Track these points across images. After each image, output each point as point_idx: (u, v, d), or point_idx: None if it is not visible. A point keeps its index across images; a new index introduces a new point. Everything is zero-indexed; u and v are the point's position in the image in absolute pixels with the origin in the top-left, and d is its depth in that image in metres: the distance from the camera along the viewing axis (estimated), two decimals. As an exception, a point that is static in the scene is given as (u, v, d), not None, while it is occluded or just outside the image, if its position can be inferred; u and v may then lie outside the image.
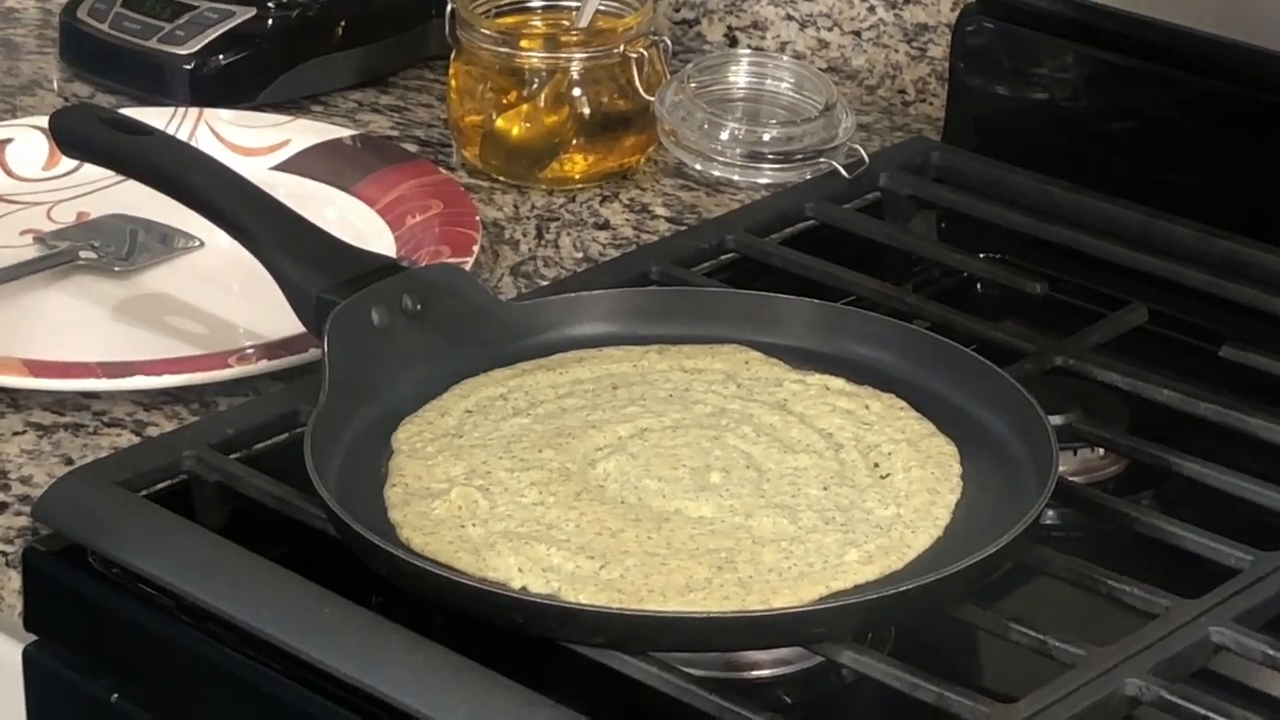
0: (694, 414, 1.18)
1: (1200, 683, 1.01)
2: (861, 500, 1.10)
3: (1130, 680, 0.98)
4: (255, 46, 1.30)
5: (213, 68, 1.46)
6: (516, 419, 1.19)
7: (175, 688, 1.15)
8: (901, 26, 1.68)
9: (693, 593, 1.02)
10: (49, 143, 1.50)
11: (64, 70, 1.83)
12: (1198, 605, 1.05)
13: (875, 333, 1.27)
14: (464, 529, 1.08)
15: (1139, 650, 1.01)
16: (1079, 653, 1.01)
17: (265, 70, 1.66)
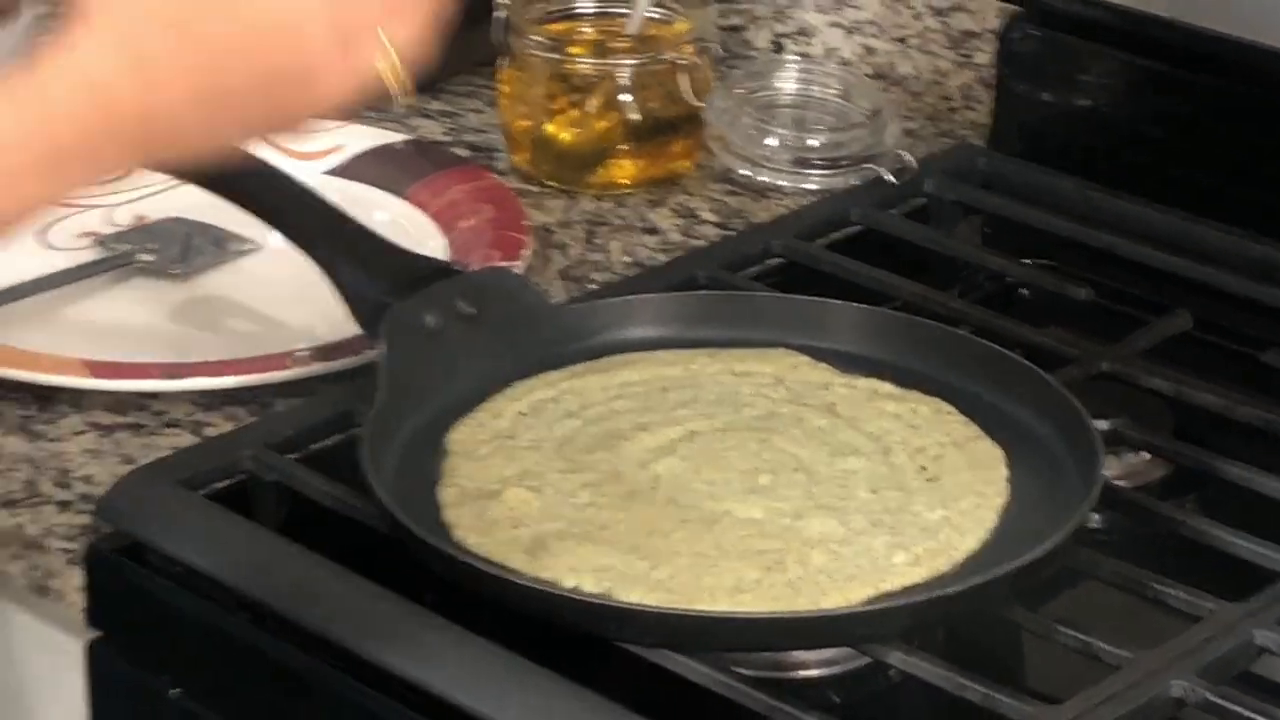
0: (743, 417, 1.19)
1: (1244, 685, 1.01)
2: (909, 503, 1.10)
3: (1175, 682, 0.99)
4: None
5: None
6: (568, 421, 1.20)
7: (233, 683, 1.16)
8: (947, 33, 1.67)
9: (742, 593, 1.03)
10: None
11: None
12: (1242, 608, 1.05)
13: (922, 337, 1.27)
14: (517, 529, 1.09)
15: (1183, 653, 1.02)
16: (1124, 655, 1.01)
17: None
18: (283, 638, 1.10)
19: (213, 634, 1.14)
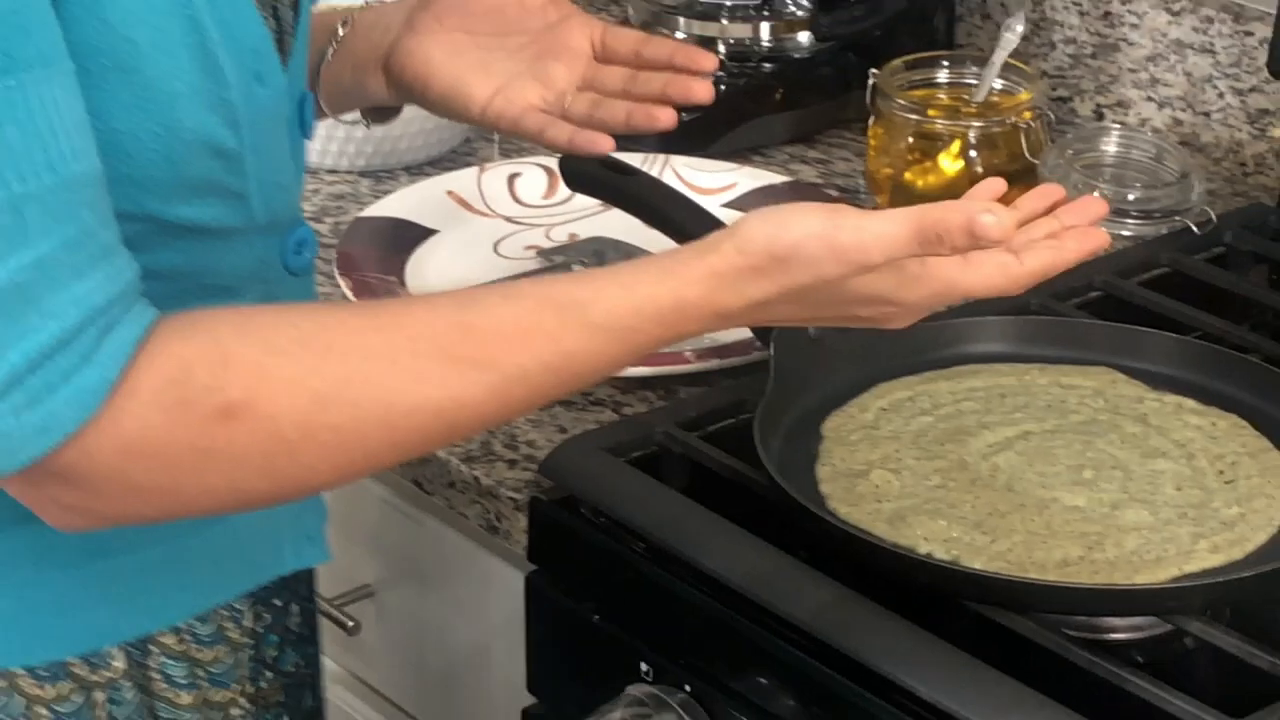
0: (1069, 421, 1.28)
1: None
2: (1209, 500, 1.18)
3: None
4: (711, 107, 1.35)
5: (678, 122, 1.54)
6: (922, 417, 1.30)
7: (643, 612, 1.25)
8: (1245, 110, 1.68)
9: (1068, 567, 1.13)
10: (547, 176, 1.58)
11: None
12: None
13: (1221, 362, 1.33)
14: (880, 504, 1.19)
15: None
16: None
17: (718, 126, 1.73)
18: (684, 579, 1.20)
19: (629, 571, 1.25)
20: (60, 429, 0.89)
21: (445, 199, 1.62)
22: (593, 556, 1.27)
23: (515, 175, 1.64)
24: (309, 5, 1.18)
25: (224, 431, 0.93)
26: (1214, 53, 1.69)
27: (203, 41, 0.99)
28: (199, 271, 1.07)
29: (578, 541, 1.27)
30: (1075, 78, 1.79)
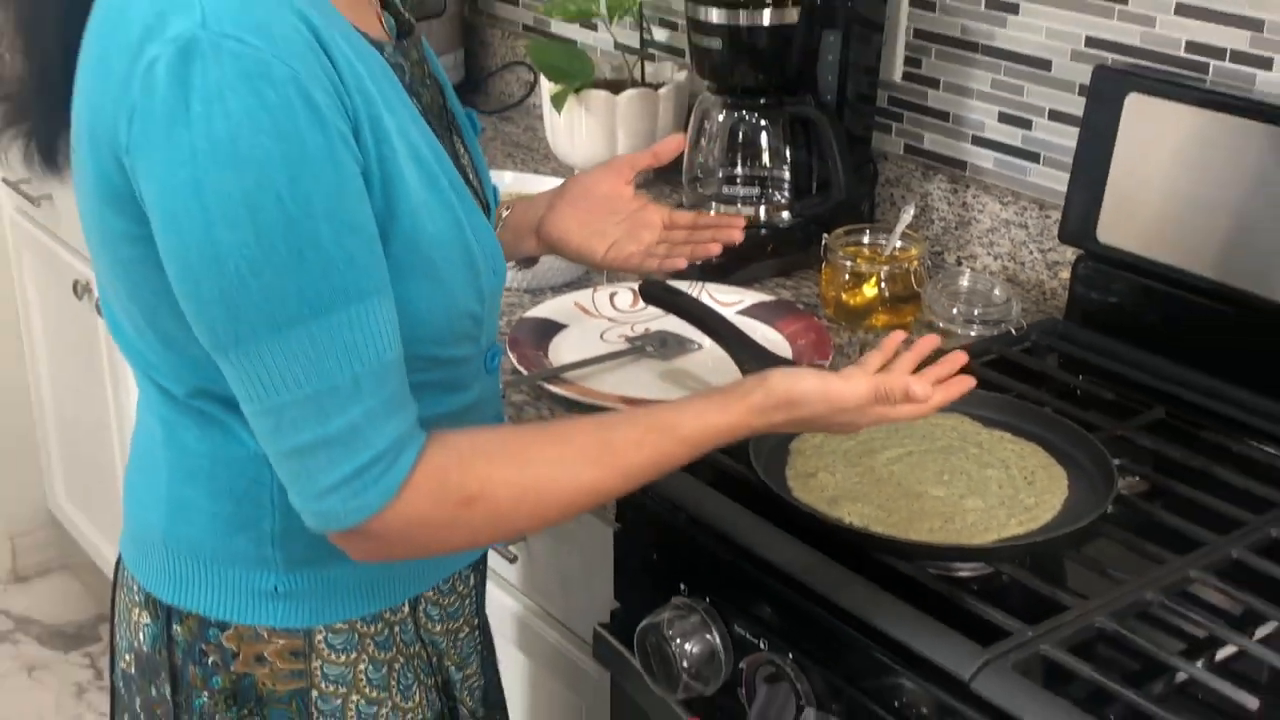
0: (935, 446, 1.25)
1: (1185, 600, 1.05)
2: (1017, 495, 1.18)
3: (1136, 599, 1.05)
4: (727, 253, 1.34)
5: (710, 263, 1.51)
6: (848, 442, 1.26)
7: (682, 554, 1.22)
8: (1045, 262, 1.65)
9: (933, 532, 1.14)
10: (631, 295, 1.57)
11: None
12: (1180, 560, 1.09)
13: (1028, 411, 1.29)
14: (823, 492, 1.19)
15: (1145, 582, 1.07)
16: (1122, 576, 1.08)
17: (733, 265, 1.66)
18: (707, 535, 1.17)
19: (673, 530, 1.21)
20: (369, 510, 0.92)
21: (572, 307, 1.62)
22: (651, 522, 1.24)
23: (613, 294, 1.63)
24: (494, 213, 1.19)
25: (465, 512, 0.96)
26: (1027, 227, 1.68)
27: (470, 258, 1.01)
28: (450, 384, 1.08)
29: (643, 513, 1.24)
30: (944, 241, 1.77)
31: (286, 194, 0.84)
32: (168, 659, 1.10)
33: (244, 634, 1.08)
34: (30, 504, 2.83)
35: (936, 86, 1.77)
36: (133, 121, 0.85)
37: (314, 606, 1.08)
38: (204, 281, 0.87)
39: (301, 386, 0.88)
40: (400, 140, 0.93)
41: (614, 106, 1.95)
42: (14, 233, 2.57)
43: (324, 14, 0.91)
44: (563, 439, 1.02)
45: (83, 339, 2.42)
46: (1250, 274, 1.37)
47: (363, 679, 1.11)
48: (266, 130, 0.83)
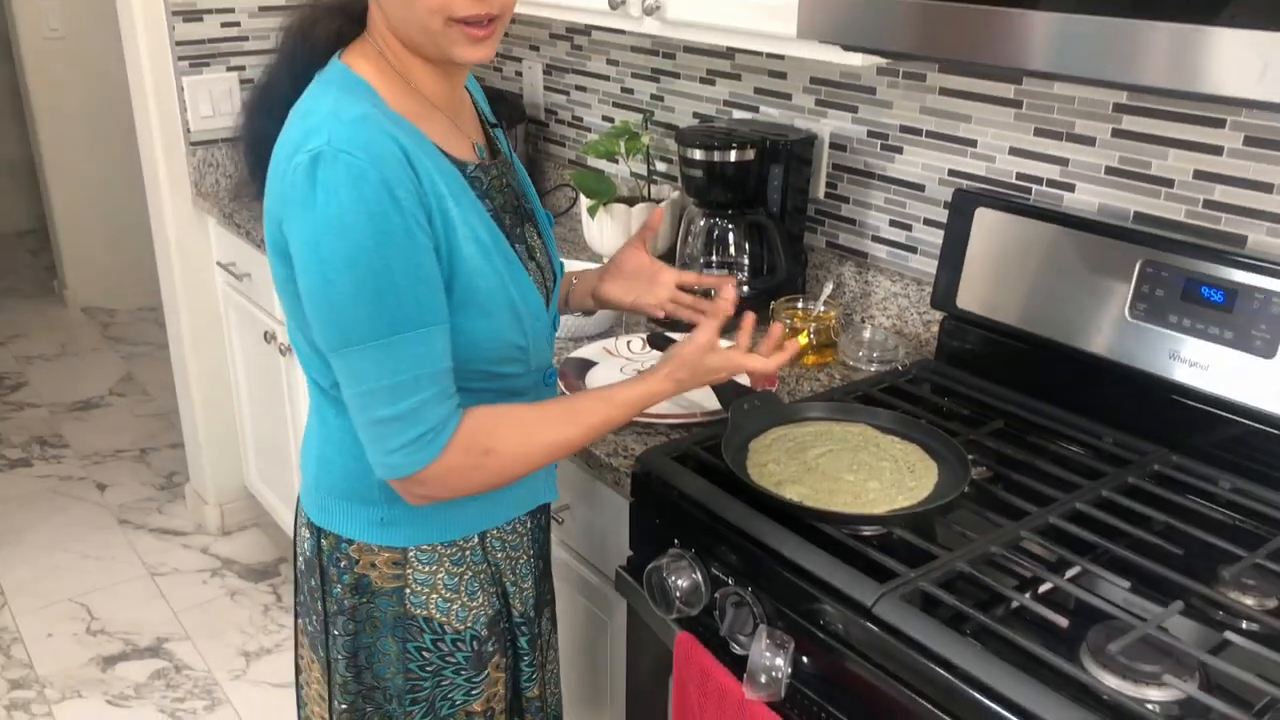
0: (848, 445, 1.23)
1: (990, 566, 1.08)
2: (903, 480, 1.16)
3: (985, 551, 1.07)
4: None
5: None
6: (789, 442, 1.24)
7: (675, 520, 1.19)
8: (921, 320, 1.61)
9: (846, 505, 1.12)
10: (642, 341, 1.54)
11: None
12: (1014, 524, 1.09)
13: (910, 422, 1.26)
14: (772, 478, 1.17)
15: (993, 537, 1.06)
16: (970, 535, 1.07)
17: None
18: (692, 508, 1.14)
19: (670, 503, 1.17)
20: (421, 464, 0.98)
21: (602, 350, 1.60)
22: (656, 497, 1.22)
23: (629, 340, 1.61)
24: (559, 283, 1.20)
25: (484, 459, 1.01)
26: (909, 297, 1.66)
27: (514, 306, 1.04)
28: (505, 391, 1.10)
29: (650, 491, 1.22)
30: (853, 306, 1.74)
31: (374, 254, 0.90)
32: (318, 561, 1.14)
33: (362, 548, 1.11)
34: (233, 481, 2.83)
35: (848, 202, 1.76)
36: (285, 203, 0.93)
37: (408, 532, 1.11)
38: (320, 307, 0.93)
39: (380, 379, 0.94)
40: (463, 226, 0.98)
41: (629, 214, 1.95)
42: (224, 298, 2.58)
43: (415, 141, 0.96)
44: (544, 408, 1.06)
45: (268, 369, 2.43)
46: (1058, 329, 1.36)
47: (441, 584, 1.13)
48: (362, 213, 0.89)
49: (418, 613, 1.13)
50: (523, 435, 1.02)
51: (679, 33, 1.57)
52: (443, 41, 0.96)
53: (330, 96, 0.94)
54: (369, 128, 0.91)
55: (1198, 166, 1.31)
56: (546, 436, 1.04)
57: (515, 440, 1.02)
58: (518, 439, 1.02)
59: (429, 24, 0.94)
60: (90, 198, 4.25)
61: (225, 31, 2.44)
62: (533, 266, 1.10)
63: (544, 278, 1.13)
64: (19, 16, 3.99)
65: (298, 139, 0.92)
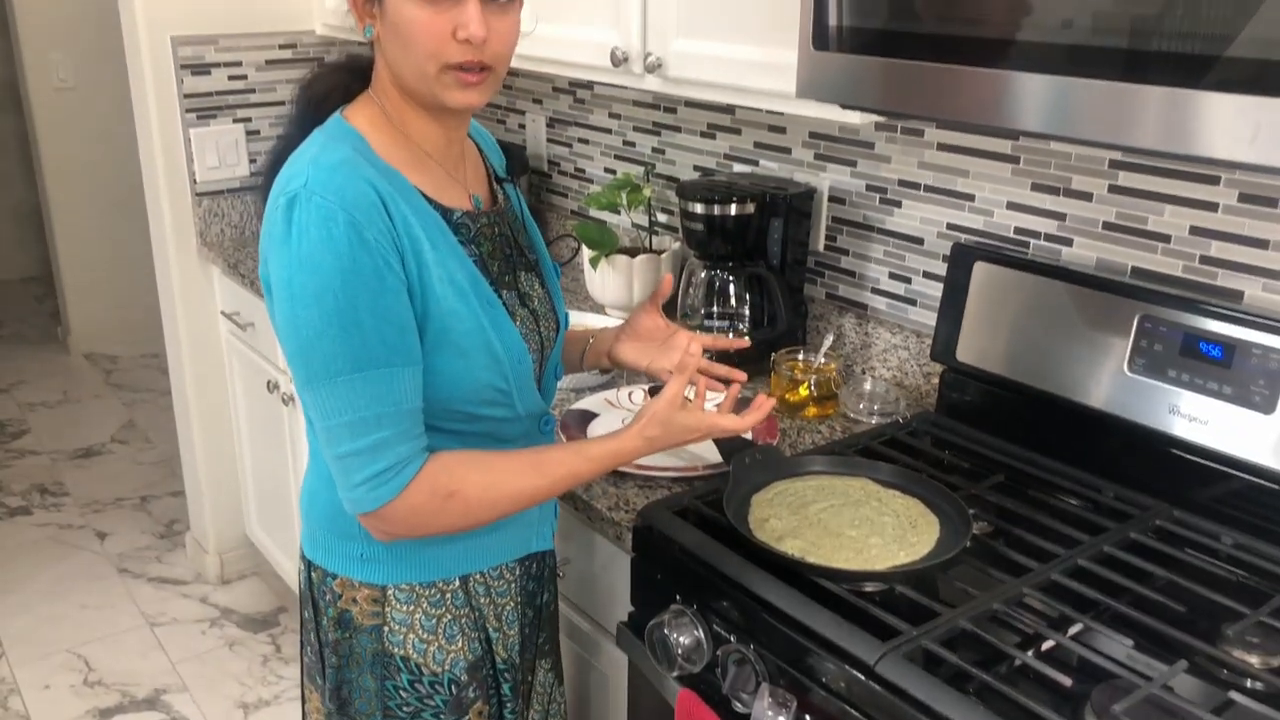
0: (849, 500, 1.22)
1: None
2: (905, 535, 1.15)
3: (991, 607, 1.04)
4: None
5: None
6: (790, 497, 1.24)
7: (676, 575, 1.17)
8: (922, 372, 1.62)
9: (848, 561, 1.11)
10: (644, 393, 1.54)
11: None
12: (1014, 582, 1.07)
13: (911, 476, 1.26)
14: (773, 533, 1.17)
15: (995, 592, 1.05)
16: (973, 593, 1.06)
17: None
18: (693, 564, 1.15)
19: (671, 559, 1.17)
20: (382, 501, 1.00)
21: (603, 401, 1.60)
22: (658, 552, 1.22)
23: (630, 392, 1.61)
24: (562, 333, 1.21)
25: (447, 503, 1.02)
26: (909, 349, 1.66)
27: (492, 349, 1.06)
28: (493, 435, 1.12)
29: (652, 546, 1.22)
30: (854, 358, 1.74)
31: (340, 293, 0.93)
32: (309, 593, 1.17)
33: (345, 583, 1.13)
34: (234, 529, 2.82)
35: (847, 254, 1.77)
36: (269, 239, 0.97)
37: (387, 570, 1.12)
38: (289, 341, 0.97)
39: (343, 415, 0.97)
40: (438, 268, 1.00)
41: (631, 266, 1.96)
42: (228, 347, 2.59)
43: (396, 186, 1.00)
44: (513, 456, 1.06)
45: (271, 419, 2.43)
46: (1058, 382, 1.36)
47: (418, 624, 1.14)
48: (329, 253, 0.93)
49: (395, 651, 1.13)
50: (488, 481, 1.03)
51: (680, 89, 1.59)
52: (436, 87, 1.00)
53: (316, 144, 1.00)
54: (345, 172, 0.95)
55: (1194, 222, 1.32)
56: (513, 484, 1.05)
57: (480, 485, 1.03)
58: (483, 484, 1.03)
59: (425, 69, 0.99)
60: (95, 245, 4.28)
61: (232, 85, 2.48)
62: (524, 313, 1.11)
63: (539, 325, 1.14)
64: (29, 67, 4.04)
65: (282, 183, 0.98)
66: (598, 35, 1.68)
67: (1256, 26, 0.82)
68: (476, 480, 1.03)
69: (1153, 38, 0.89)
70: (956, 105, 1.08)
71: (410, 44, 0.97)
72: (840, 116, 1.36)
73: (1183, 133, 0.90)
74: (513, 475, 1.05)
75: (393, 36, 0.99)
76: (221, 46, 2.43)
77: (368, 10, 1.00)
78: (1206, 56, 0.86)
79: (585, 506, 1.33)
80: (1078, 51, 0.95)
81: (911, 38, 1.10)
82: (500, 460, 1.05)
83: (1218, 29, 0.85)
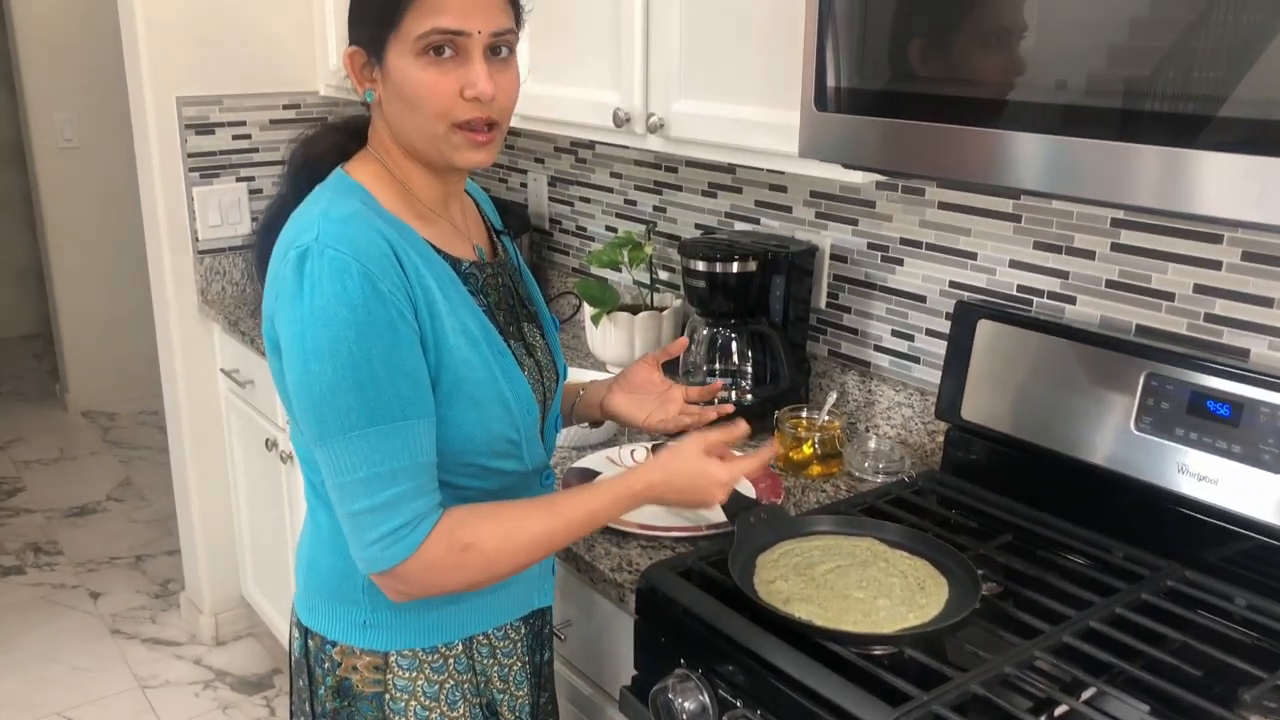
0: (856, 560, 1.21)
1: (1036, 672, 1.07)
2: (913, 597, 1.14)
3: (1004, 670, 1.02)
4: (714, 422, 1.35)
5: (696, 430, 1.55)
6: (796, 558, 1.22)
7: (681, 638, 1.15)
8: (926, 430, 1.61)
9: (856, 625, 1.09)
10: (646, 450, 1.54)
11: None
12: (1023, 644, 1.06)
13: (918, 536, 1.24)
14: (780, 595, 1.15)
15: (1008, 657, 1.03)
16: (983, 656, 1.04)
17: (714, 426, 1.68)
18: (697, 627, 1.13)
19: (675, 621, 1.16)
20: (398, 559, 0.97)
21: (605, 459, 1.59)
22: (661, 614, 1.20)
23: (632, 450, 1.61)
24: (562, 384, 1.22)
25: (464, 557, 1.00)
26: (913, 407, 1.66)
27: (504, 399, 1.06)
28: (503, 488, 1.11)
29: (656, 608, 1.21)
30: (857, 415, 1.74)
31: (355, 346, 0.92)
32: (305, 661, 1.14)
33: (345, 650, 1.11)
34: (230, 589, 2.79)
35: (849, 312, 1.77)
36: (277, 298, 0.96)
37: (390, 636, 1.10)
38: (301, 398, 0.95)
39: (357, 471, 0.95)
40: (450, 318, 1.00)
41: (632, 323, 1.97)
42: (227, 405, 2.59)
43: (406, 237, 1.00)
44: (525, 503, 1.05)
45: (269, 477, 2.42)
46: (1064, 441, 1.35)
47: (420, 691, 1.12)
48: (344, 305, 0.92)
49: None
50: (504, 530, 1.01)
51: (682, 149, 1.60)
52: (445, 147, 1.00)
53: (324, 199, 0.99)
54: (356, 224, 0.95)
55: (1198, 281, 1.32)
56: (529, 530, 1.02)
57: (497, 535, 1.00)
58: (499, 534, 1.01)
59: (434, 130, 0.99)
60: (95, 303, 4.29)
61: (236, 144, 2.50)
62: (530, 363, 1.12)
63: (542, 376, 1.14)
64: (34, 126, 4.09)
65: (290, 238, 0.97)
66: (600, 96, 1.70)
67: (1248, 88, 0.83)
68: (492, 530, 1.00)
69: (1147, 98, 0.90)
70: (956, 164, 1.09)
71: (418, 106, 0.98)
72: (842, 176, 1.37)
73: (1180, 192, 0.90)
74: (528, 521, 1.02)
75: (397, 99, 0.99)
76: (226, 107, 2.46)
77: (367, 75, 1.01)
78: (1201, 116, 0.86)
79: (588, 567, 1.32)
80: (1073, 111, 0.95)
81: (911, 98, 1.11)
82: (513, 508, 1.04)
83: (1210, 90, 0.85)
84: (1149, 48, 0.89)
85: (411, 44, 0.96)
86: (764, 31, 1.41)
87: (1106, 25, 0.91)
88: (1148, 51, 0.89)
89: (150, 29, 2.34)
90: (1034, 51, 0.98)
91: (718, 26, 1.47)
